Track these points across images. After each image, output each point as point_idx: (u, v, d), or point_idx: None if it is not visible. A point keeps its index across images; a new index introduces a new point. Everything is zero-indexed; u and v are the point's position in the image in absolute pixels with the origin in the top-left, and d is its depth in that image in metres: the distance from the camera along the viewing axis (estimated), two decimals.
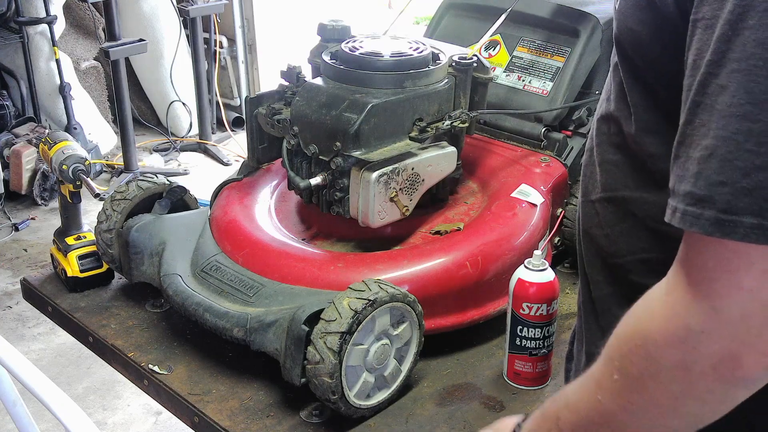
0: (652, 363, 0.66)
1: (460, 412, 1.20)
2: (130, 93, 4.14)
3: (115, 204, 1.44)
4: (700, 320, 0.62)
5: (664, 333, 0.65)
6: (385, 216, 1.31)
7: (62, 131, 2.01)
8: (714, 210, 0.60)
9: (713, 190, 0.60)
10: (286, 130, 1.37)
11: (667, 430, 0.69)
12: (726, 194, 0.59)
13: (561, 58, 1.58)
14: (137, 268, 1.39)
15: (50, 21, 3.94)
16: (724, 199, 0.60)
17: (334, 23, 1.46)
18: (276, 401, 1.22)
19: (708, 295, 0.62)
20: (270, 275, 1.27)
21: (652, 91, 0.78)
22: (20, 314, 3.13)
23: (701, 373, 0.64)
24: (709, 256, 0.62)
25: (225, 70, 4.82)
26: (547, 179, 1.47)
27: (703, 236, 0.61)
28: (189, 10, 4.23)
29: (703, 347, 0.63)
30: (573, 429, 0.75)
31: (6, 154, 3.81)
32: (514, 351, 1.25)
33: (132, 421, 2.62)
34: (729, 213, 0.59)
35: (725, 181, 0.60)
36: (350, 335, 1.10)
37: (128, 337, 1.37)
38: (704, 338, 0.62)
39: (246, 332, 1.19)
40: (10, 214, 3.87)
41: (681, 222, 0.62)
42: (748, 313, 0.61)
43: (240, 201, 1.45)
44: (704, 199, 0.61)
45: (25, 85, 4.05)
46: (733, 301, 0.61)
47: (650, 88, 0.78)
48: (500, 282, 1.29)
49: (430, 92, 1.35)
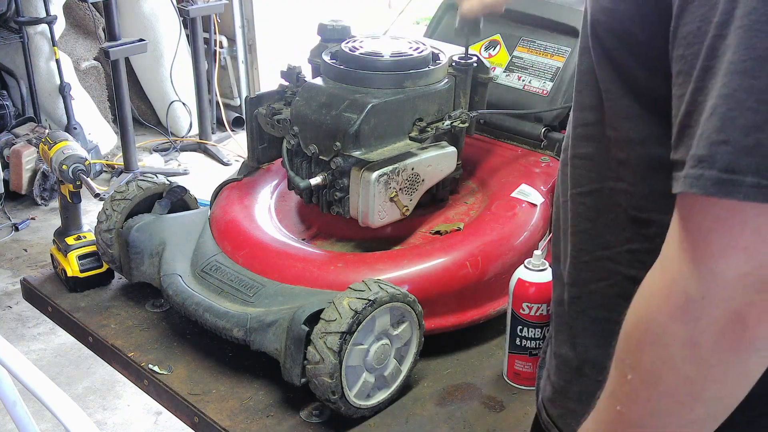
0: (660, 346, 0.65)
1: (460, 412, 1.20)
2: (130, 93, 4.14)
3: (115, 204, 1.44)
4: (699, 286, 0.61)
5: (666, 308, 0.64)
6: (385, 216, 1.31)
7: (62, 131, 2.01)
8: (715, 169, 0.58)
9: (714, 149, 0.59)
10: (286, 130, 1.37)
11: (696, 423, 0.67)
12: (727, 153, 0.58)
13: (561, 58, 1.58)
14: (137, 268, 1.39)
15: (50, 21, 3.94)
16: (726, 159, 0.58)
17: (334, 23, 1.46)
18: (276, 401, 1.22)
19: (704, 258, 0.61)
20: (270, 275, 1.27)
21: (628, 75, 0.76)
22: (20, 314, 3.13)
23: (710, 345, 0.62)
24: (703, 219, 0.61)
25: (225, 70, 4.82)
26: (547, 179, 1.47)
27: (699, 198, 0.60)
28: (189, 10, 4.23)
29: (706, 315, 0.61)
30: None
31: (6, 154, 3.81)
32: (514, 351, 1.25)
33: (132, 421, 2.62)
34: (730, 172, 0.58)
35: (726, 140, 0.58)
36: (350, 335, 1.10)
37: (128, 337, 1.37)
38: (706, 304, 0.61)
39: (246, 332, 1.19)
40: (10, 214, 3.87)
41: (682, 185, 0.61)
42: (746, 271, 0.59)
43: (240, 201, 1.45)
44: (704, 159, 0.59)
45: (25, 85, 4.05)
46: (730, 261, 0.60)
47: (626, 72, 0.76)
48: (500, 282, 1.29)
49: (430, 92, 1.35)
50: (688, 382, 0.65)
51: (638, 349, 0.67)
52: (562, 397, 0.92)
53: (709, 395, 0.65)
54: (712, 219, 0.60)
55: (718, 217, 0.60)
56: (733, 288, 0.60)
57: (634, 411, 0.69)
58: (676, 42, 0.65)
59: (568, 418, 0.92)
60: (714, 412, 0.66)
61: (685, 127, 0.63)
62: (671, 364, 0.65)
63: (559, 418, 0.93)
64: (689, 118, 0.62)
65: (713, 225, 0.60)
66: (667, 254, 0.65)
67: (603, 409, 0.73)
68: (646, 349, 0.66)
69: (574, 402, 0.90)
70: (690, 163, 0.60)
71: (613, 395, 0.71)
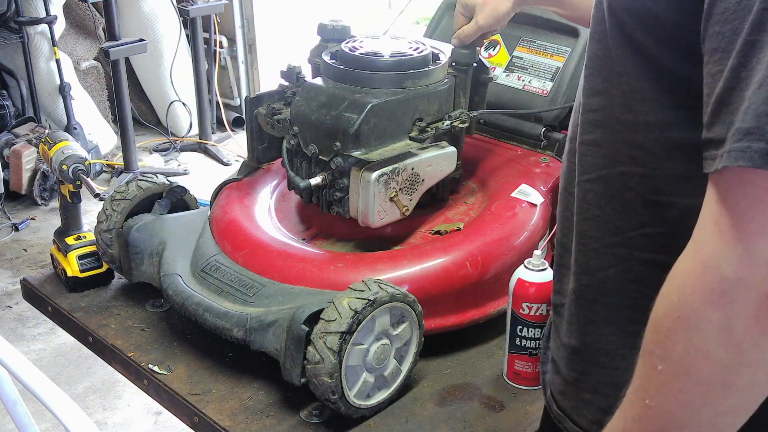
0: (694, 332, 0.63)
1: (460, 412, 1.20)
2: (130, 93, 4.15)
3: (115, 204, 1.44)
4: (735, 266, 0.59)
5: (701, 290, 0.62)
6: (385, 216, 1.31)
7: (62, 131, 2.01)
8: (764, 141, 0.57)
9: (763, 120, 0.57)
10: (286, 130, 1.37)
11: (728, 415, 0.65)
12: None
13: (561, 58, 1.58)
14: (137, 268, 1.39)
15: (50, 21, 3.94)
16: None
17: (334, 23, 1.46)
18: (276, 401, 1.22)
19: (740, 237, 0.59)
20: (270, 275, 1.27)
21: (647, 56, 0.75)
22: (20, 314, 3.13)
23: (745, 329, 0.60)
24: (743, 196, 0.59)
25: (225, 70, 4.82)
26: (547, 179, 1.47)
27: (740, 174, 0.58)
28: (189, 10, 4.23)
29: (742, 297, 0.60)
30: None
31: (6, 154, 3.82)
32: (514, 351, 1.25)
33: (132, 421, 2.62)
34: None
35: None
36: (350, 335, 1.10)
37: (128, 337, 1.37)
38: (741, 286, 0.60)
39: (246, 332, 1.19)
40: (10, 214, 3.87)
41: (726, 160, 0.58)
42: None
43: (240, 201, 1.45)
44: (752, 131, 0.57)
45: (25, 85, 4.05)
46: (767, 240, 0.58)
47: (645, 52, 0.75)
48: (500, 282, 1.29)
49: (430, 92, 1.35)
50: (722, 368, 0.63)
51: (669, 338, 0.65)
52: (574, 389, 0.91)
53: (742, 382, 0.63)
54: (753, 196, 0.58)
55: (760, 193, 0.58)
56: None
57: (665, 403, 0.67)
58: (712, 19, 0.63)
59: (583, 409, 0.91)
60: (747, 400, 0.65)
61: (723, 105, 0.61)
62: (705, 350, 0.63)
63: (573, 409, 0.92)
64: (729, 95, 0.61)
65: (754, 202, 0.58)
66: (700, 236, 0.63)
67: (630, 404, 0.71)
68: (679, 337, 0.64)
69: (589, 393, 0.90)
70: (735, 137, 0.59)
71: (641, 389, 0.69)
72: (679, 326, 0.64)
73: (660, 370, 0.66)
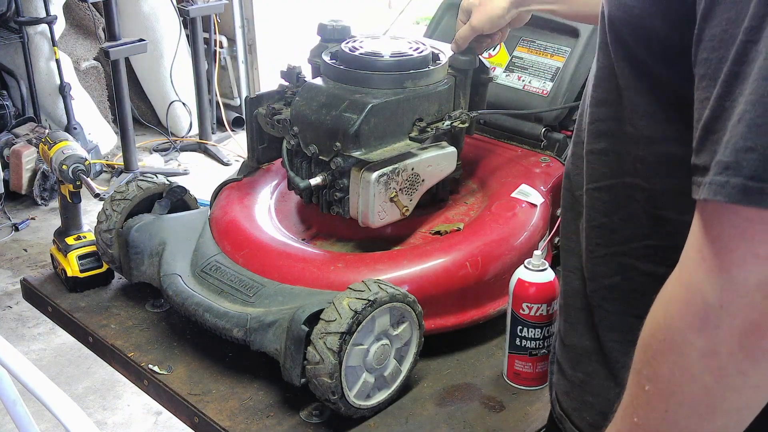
0: (679, 356, 0.64)
1: (460, 412, 1.20)
2: (130, 93, 4.15)
3: (115, 204, 1.44)
4: (719, 294, 0.60)
5: (685, 316, 0.63)
6: (385, 216, 1.31)
7: (62, 131, 2.01)
8: (741, 177, 0.57)
9: (740, 156, 0.58)
10: (286, 130, 1.37)
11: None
12: (753, 160, 0.57)
13: (561, 58, 1.58)
14: (137, 268, 1.39)
15: (50, 21, 3.94)
16: (752, 166, 0.57)
17: (334, 23, 1.46)
18: (276, 401, 1.22)
19: (724, 266, 0.60)
20: (270, 275, 1.27)
21: (646, 71, 0.75)
22: (20, 314, 3.13)
23: (729, 355, 0.61)
24: (725, 227, 0.60)
25: (225, 70, 4.82)
26: (547, 179, 1.47)
27: (722, 205, 0.59)
28: (189, 10, 4.23)
29: (725, 324, 0.61)
30: None
31: (6, 154, 3.82)
32: (514, 351, 1.25)
33: (132, 421, 2.62)
34: (756, 180, 0.57)
35: (753, 147, 0.57)
36: (350, 335, 1.10)
37: (128, 337, 1.37)
38: (725, 314, 0.60)
39: (246, 332, 1.19)
40: (10, 214, 3.87)
41: (706, 192, 0.60)
42: (766, 280, 0.59)
43: (240, 201, 1.45)
44: (730, 165, 0.58)
45: (25, 85, 4.05)
46: (750, 270, 0.59)
47: (645, 68, 0.75)
48: (500, 282, 1.29)
49: (430, 92, 1.35)
50: (706, 392, 0.64)
51: (656, 359, 0.66)
52: (578, 391, 0.92)
53: (727, 405, 0.64)
54: (734, 227, 0.59)
55: (741, 225, 0.59)
56: (753, 297, 0.60)
57: (652, 422, 0.68)
58: (701, 45, 0.63)
59: (583, 411, 0.91)
60: (733, 422, 0.66)
61: (709, 132, 0.62)
62: (690, 374, 0.64)
63: (574, 411, 0.93)
64: (714, 124, 0.61)
65: (735, 233, 0.59)
66: (686, 261, 0.64)
67: (620, 420, 0.72)
68: (664, 359, 0.65)
69: (591, 395, 0.90)
70: (715, 169, 0.59)
71: (630, 406, 0.70)
72: (665, 349, 0.65)
73: (647, 390, 0.68)
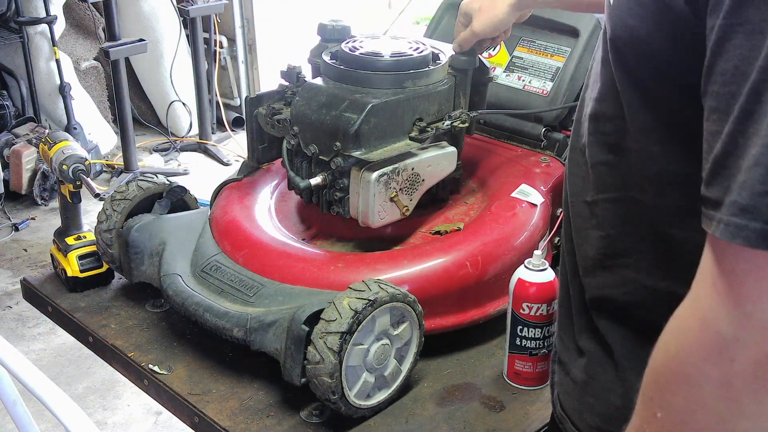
0: (693, 387, 0.64)
1: (460, 412, 1.20)
2: (130, 93, 4.15)
3: (115, 204, 1.44)
4: (733, 328, 0.61)
5: (699, 347, 0.63)
6: (385, 216, 1.31)
7: (62, 131, 2.01)
8: (760, 221, 0.58)
9: (758, 200, 0.58)
10: (286, 130, 1.37)
11: None
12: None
13: (561, 58, 1.58)
14: (137, 268, 1.39)
15: (50, 21, 3.94)
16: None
17: (334, 23, 1.46)
18: (276, 401, 1.22)
19: (738, 301, 0.61)
20: (270, 275, 1.27)
21: (647, 90, 0.75)
22: (20, 314, 3.13)
23: (743, 385, 0.62)
24: (738, 263, 0.60)
25: (225, 70, 4.82)
26: (547, 179, 1.47)
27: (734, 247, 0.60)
28: (189, 10, 4.23)
29: (740, 356, 0.61)
30: None
31: (6, 154, 3.82)
32: (514, 351, 1.25)
33: (132, 421, 2.62)
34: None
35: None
36: (350, 335, 1.10)
37: (128, 337, 1.37)
38: (739, 346, 0.61)
39: (246, 332, 1.19)
40: (10, 214, 3.87)
41: (723, 233, 0.60)
42: None
43: (240, 201, 1.45)
44: (748, 209, 0.59)
45: (25, 85, 4.05)
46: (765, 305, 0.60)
47: (646, 87, 0.75)
48: (500, 282, 1.29)
49: (430, 92, 1.35)
50: (720, 420, 0.64)
51: (668, 389, 0.67)
52: (582, 392, 0.92)
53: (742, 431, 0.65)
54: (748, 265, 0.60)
55: (754, 264, 0.60)
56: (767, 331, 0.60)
57: None
58: (711, 78, 0.63)
59: (584, 412, 0.92)
60: None
61: (721, 167, 0.62)
62: (704, 403, 0.64)
63: (574, 411, 0.93)
64: (726, 159, 0.61)
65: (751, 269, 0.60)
66: (699, 292, 0.64)
67: None
68: (678, 390, 0.66)
69: (593, 397, 0.90)
70: (731, 209, 0.60)
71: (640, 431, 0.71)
72: (678, 379, 0.66)
73: (659, 417, 0.68)
